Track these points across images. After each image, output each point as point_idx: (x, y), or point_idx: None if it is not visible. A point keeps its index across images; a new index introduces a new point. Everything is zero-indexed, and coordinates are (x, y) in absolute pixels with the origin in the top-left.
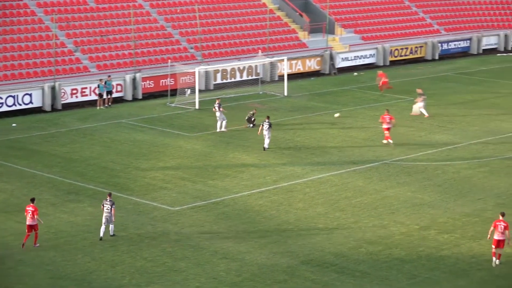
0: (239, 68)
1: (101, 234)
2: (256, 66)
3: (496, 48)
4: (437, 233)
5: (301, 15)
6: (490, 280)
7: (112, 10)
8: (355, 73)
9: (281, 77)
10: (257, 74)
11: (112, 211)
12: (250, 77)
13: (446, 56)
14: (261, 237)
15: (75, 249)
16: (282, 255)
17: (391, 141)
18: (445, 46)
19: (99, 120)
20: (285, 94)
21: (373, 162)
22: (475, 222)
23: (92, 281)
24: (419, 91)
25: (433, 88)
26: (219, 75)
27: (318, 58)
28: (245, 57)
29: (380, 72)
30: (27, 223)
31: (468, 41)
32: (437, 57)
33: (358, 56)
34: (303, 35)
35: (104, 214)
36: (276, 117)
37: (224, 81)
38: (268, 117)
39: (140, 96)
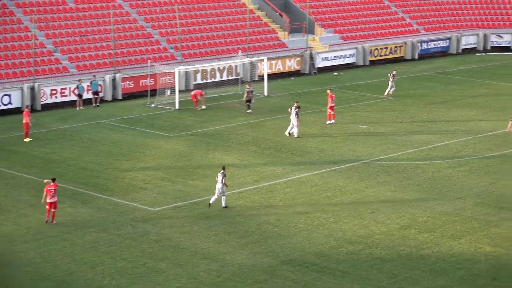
0: (219, 68)
1: (211, 201)
2: (236, 66)
3: (475, 47)
4: (417, 232)
5: (281, 15)
6: (469, 279)
7: (92, 10)
8: (335, 73)
9: (261, 77)
10: (237, 74)
11: (223, 181)
12: (230, 77)
13: (425, 55)
14: (242, 237)
15: (55, 250)
16: (262, 255)
17: (333, 121)
18: (424, 46)
19: (79, 120)
20: (265, 94)
21: (353, 161)
22: (455, 221)
23: (72, 282)
24: (394, 72)
25: (413, 88)
26: (199, 75)
27: (298, 58)
28: (225, 57)
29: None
30: (48, 200)
31: (447, 40)
32: (416, 57)
33: (338, 56)
34: (283, 35)
35: (217, 185)
36: (256, 117)
37: (204, 81)
38: (297, 102)
39: (120, 97)
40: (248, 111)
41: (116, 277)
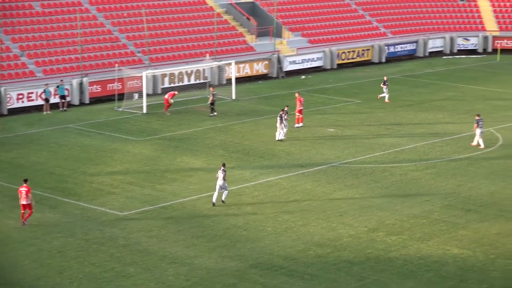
0: (186, 72)
1: (214, 200)
2: (204, 69)
3: (442, 50)
4: (385, 235)
5: (248, 19)
6: (437, 281)
7: (58, 14)
8: (303, 77)
9: (229, 81)
10: (205, 77)
11: (224, 177)
12: (198, 81)
13: (392, 58)
14: (210, 241)
15: (22, 256)
16: (231, 259)
17: (301, 124)
18: (391, 49)
19: (46, 125)
20: (233, 97)
21: (321, 165)
22: (422, 224)
23: (40, 287)
24: (385, 78)
25: (380, 91)
26: (166, 79)
27: (266, 62)
28: (193, 61)
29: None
30: (21, 202)
31: (414, 44)
32: (384, 60)
33: (305, 59)
34: (250, 39)
35: (218, 181)
36: (224, 121)
37: (172, 85)
38: (287, 106)
39: (87, 101)
40: (211, 114)
41: (84, 282)
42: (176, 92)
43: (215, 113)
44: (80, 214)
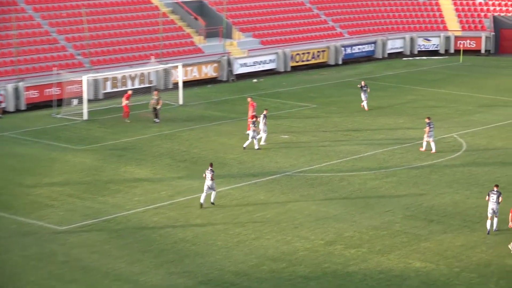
0: (130, 75)
1: (201, 201)
2: (149, 73)
3: (401, 51)
4: (344, 248)
5: (196, 19)
6: None
7: None
8: (254, 80)
9: (176, 85)
10: (150, 82)
11: (211, 177)
12: (142, 85)
13: (350, 60)
14: (157, 256)
15: None
16: (179, 275)
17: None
18: (348, 50)
19: None
20: (181, 103)
21: (275, 174)
22: (383, 236)
23: None
24: (362, 83)
25: (337, 95)
26: (109, 84)
27: (215, 64)
28: (137, 64)
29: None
30: None
31: (372, 44)
32: (340, 62)
33: (257, 61)
34: (198, 40)
35: (206, 182)
36: (171, 128)
37: (115, 89)
38: (266, 110)
39: (23, 107)
40: (155, 120)
41: None
42: (130, 92)
43: (157, 120)
44: (16, 228)
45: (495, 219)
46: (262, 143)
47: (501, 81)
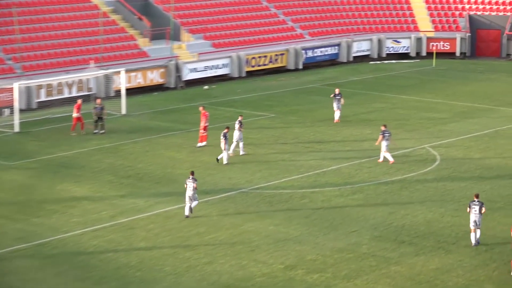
0: (67, 82)
1: (186, 213)
2: (87, 80)
3: (368, 55)
4: (305, 273)
5: (140, 19)
6: None
7: None
8: (206, 87)
9: (118, 92)
10: (90, 89)
11: (195, 186)
12: (81, 93)
13: (311, 65)
14: (97, 284)
15: None
16: None
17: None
18: (310, 54)
19: None
20: (123, 112)
21: (229, 191)
22: (349, 259)
23: None
24: (336, 90)
25: (297, 103)
26: (43, 91)
27: (162, 70)
28: (75, 69)
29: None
30: None
31: (336, 47)
32: (301, 66)
33: (208, 66)
34: (143, 42)
35: (187, 192)
36: (113, 140)
37: (50, 98)
38: (241, 116)
39: None
40: (96, 131)
41: None
42: (80, 102)
43: (102, 131)
44: None
45: (478, 231)
46: (241, 153)
47: (478, 87)
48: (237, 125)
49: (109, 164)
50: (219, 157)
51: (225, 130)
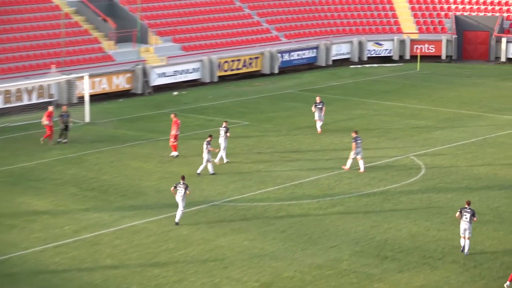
0: (26, 88)
1: (177, 220)
2: (49, 85)
3: (348, 58)
4: None
5: (105, 20)
6: None
7: None
8: (175, 93)
9: (81, 99)
10: (51, 96)
11: (188, 193)
12: (41, 100)
13: (287, 69)
14: None
15: None
16: None
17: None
18: (286, 57)
19: None
20: (87, 120)
21: (201, 204)
22: (328, 276)
23: None
24: (317, 99)
25: (273, 110)
26: (0, 98)
27: (128, 75)
28: (35, 75)
29: None
30: None
31: (314, 50)
32: (276, 71)
33: (178, 71)
34: (108, 46)
35: (177, 198)
36: (75, 150)
37: (8, 105)
38: (225, 121)
39: None
40: (60, 140)
41: None
42: (51, 109)
43: (64, 140)
44: None
45: (467, 242)
46: (225, 161)
47: (465, 92)
48: (222, 132)
49: (72, 175)
50: (198, 171)
51: (208, 139)
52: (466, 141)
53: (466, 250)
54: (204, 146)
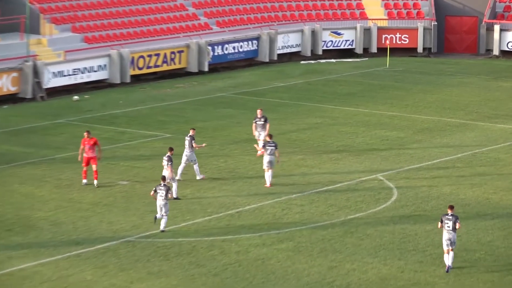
0: None
1: (162, 228)
2: None
3: (298, 51)
4: None
5: None
6: None
7: None
8: (76, 97)
9: None
10: None
11: (169, 195)
12: None
13: (220, 66)
14: None
15: None
16: None
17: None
18: (218, 51)
19: None
20: None
21: (109, 240)
22: None
23: None
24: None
25: (202, 118)
26: None
27: (14, 74)
28: None
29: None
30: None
31: (254, 41)
32: (206, 68)
33: (79, 69)
34: None
35: (158, 202)
36: None
37: None
38: (193, 129)
39: None
40: None
41: None
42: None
43: None
44: None
45: (451, 253)
46: (198, 178)
47: (448, 95)
48: (188, 143)
49: None
50: (175, 195)
51: (169, 153)
52: (449, 157)
53: (449, 263)
54: (165, 162)
